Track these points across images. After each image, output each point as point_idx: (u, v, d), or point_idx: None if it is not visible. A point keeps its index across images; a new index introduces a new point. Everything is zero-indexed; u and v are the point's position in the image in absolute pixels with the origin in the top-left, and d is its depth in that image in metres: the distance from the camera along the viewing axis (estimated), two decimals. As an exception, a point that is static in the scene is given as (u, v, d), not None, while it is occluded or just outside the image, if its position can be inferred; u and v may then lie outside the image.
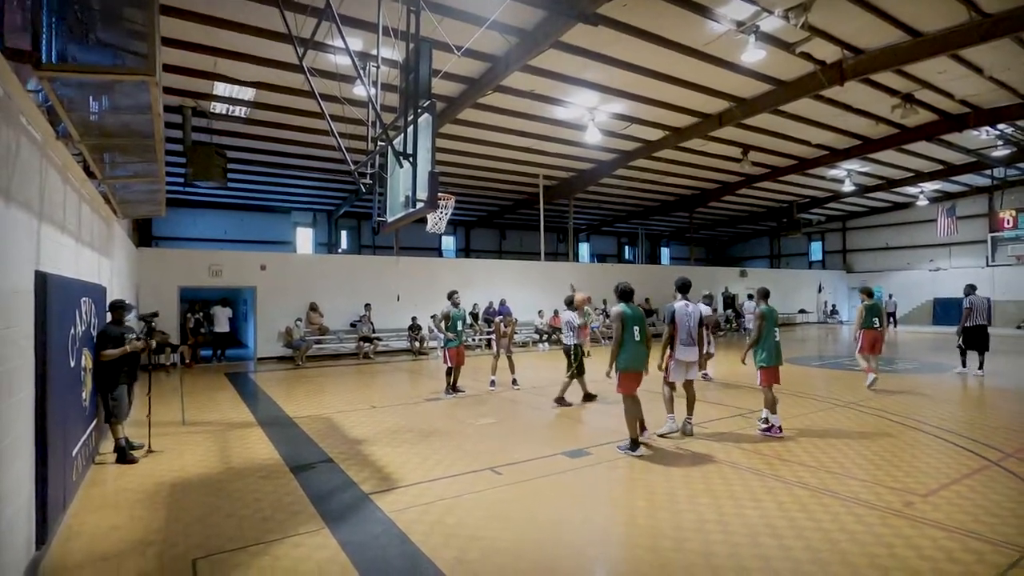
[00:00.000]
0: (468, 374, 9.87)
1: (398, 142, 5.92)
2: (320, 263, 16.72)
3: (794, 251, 32.71)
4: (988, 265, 24.81)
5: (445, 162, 17.40)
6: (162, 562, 3.40)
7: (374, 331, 15.36)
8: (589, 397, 8.22)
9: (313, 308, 15.15)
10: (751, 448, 5.70)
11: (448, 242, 28.55)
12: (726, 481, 4.68)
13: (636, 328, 5.62)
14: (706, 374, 10.06)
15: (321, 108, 7.46)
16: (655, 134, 16.05)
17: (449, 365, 8.88)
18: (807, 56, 11.50)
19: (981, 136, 17.32)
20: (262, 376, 12.00)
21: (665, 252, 35.79)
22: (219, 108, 12.75)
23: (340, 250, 24.74)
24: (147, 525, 3.93)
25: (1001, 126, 16.35)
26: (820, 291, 28.36)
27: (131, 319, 6.44)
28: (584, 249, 32.32)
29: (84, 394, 4.87)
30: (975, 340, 10.95)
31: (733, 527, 3.74)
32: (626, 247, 34.50)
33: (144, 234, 18.09)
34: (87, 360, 4.99)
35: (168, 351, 12.94)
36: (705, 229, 32.30)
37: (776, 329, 6.53)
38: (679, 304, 6.13)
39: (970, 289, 11.32)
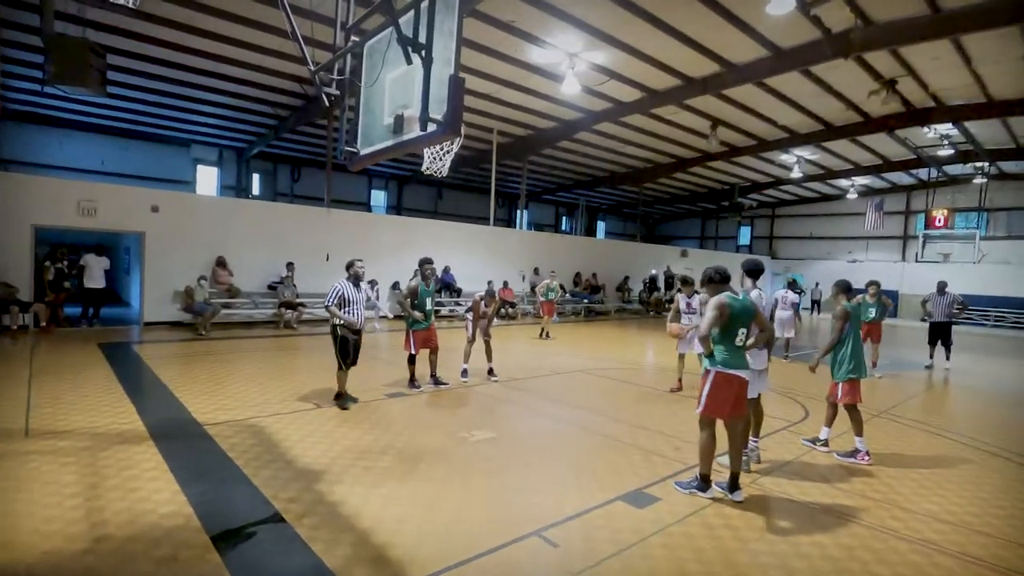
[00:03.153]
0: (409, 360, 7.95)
1: (404, 23, 3.87)
2: (232, 209, 13.76)
3: (724, 234, 33.25)
4: (902, 260, 26.41)
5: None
6: None
7: (297, 296, 12.88)
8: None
9: (220, 264, 12.36)
10: (842, 485, 4.50)
11: (378, 197, 25.75)
12: (877, 556, 3.37)
13: (742, 330, 4.11)
14: None
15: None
16: (631, 95, 14.58)
17: (412, 352, 6.96)
18: (817, 21, 10.42)
19: (929, 134, 17.63)
20: (152, 349, 9.35)
21: (601, 226, 35.11)
22: (96, -11, 9.49)
23: (251, 196, 21.26)
24: None
25: (949, 127, 16.61)
26: (748, 275, 28.94)
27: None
28: (519, 217, 30.73)
29: None
30: (935, 335, 10.98)
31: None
32: (564, 218, 33.37)
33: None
34: None
35: (15, 310, 9.80)
36: (644, 205, 31.88)
37: (858, 332, 5.32)
38: (754, 293, 4.71)
39: (941, 285, 11.17)
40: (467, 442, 5.12)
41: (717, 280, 4.26)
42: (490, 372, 7.85)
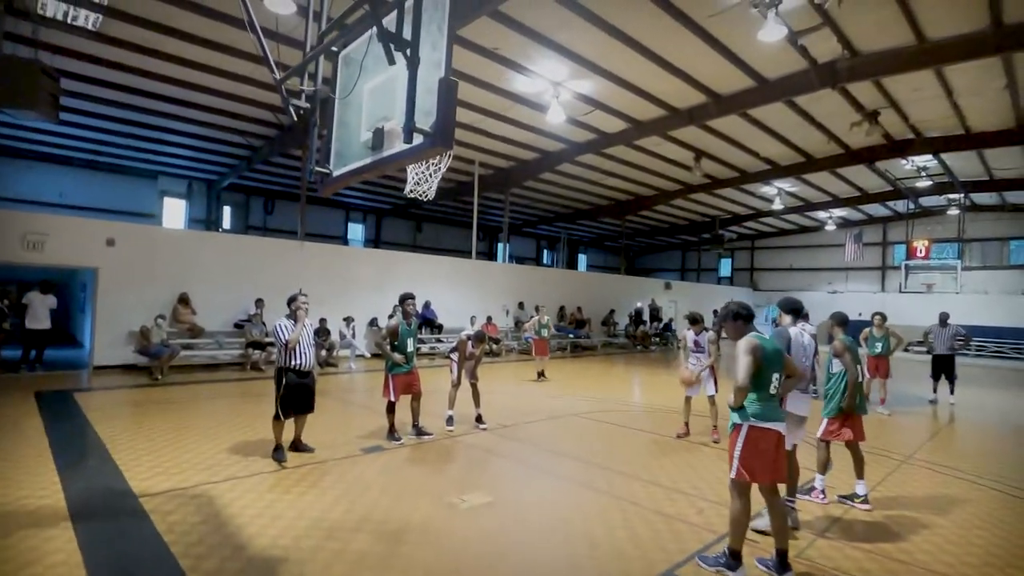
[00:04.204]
0: (377, 405, 7.11)
1: (388, 23, 3.31)
2: (196, 242, 12.89)
3: (705, 266, 33.26)
4: (882, 290, 26.57)
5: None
6: None
7: (267, 334, 11.97)
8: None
9: (183, 301, 11.44)
10: (902, 552, 3.85)
11: (356, 231, 25.05)
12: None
13: (776, 375, 3.51)
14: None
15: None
16: (616, 125, 14.36)
17: (391, 399, 6.20)
18: (804, 51, 10.33)
19: (907, 166, 17.83)
20: (97, 398, 8.35)
21: (583, 259, 34.87)
22: (53, 9, 8.86)
23: (221, 230, 20.37)
24: None
25: (927, 158, 16.79)
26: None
27: None
28: (502, 250, 30.33)
29: None
30: (938, 369, 10.61)
31: None
32: (545, 251, 33.04)
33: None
34: None
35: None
36: (626, 238, 31.78)
37: (860, 367, 4.85)
38: (794, 330, 4.14)
39: (943, 317, 10.88)
40: (458, 510, 4.36)
41: (743, 317, 3.66)
42: (478, 419, 7.09)
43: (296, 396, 5.43)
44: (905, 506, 4.79)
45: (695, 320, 7.03)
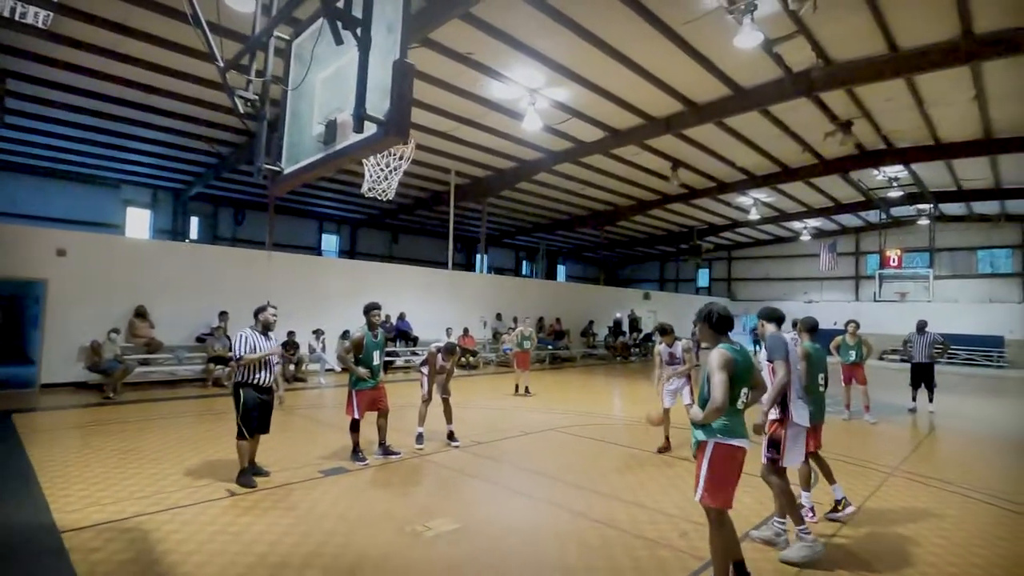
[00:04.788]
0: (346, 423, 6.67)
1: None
2: (156, 252, 12.29)
3: (683, 277, 33.40)
4: (856, 299, 26.91)
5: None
6: None
7: (230, 349, 11.39)
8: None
9: (139, 314, 10.84)
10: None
11: (330, 242, 24.49)
12: None
13: (744, 389, 3.23)
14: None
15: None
16: (593, 134, 14.23)
17: (355, 417, 5.79)
18: (779, 59, 10.33)
19: (879, 177, 18.09)
20: (39, 419, 7.74)
21: (561, 270, 34.73)
22: (-3, 5, 8.35)
23: (189, 241, 19.66)
24: None
25: (898, 169, 17.04)
26: (710, 317, 28.86)
27: None
28: (479, 261, 30.02)
29: None
30: (917, 377, 10.57)
31: None
32: (524, 262, 32.81)
33: None
34: None
35: None
36: (604, 249, 31.75)
37: (822, 375, 4.62)
38: (789, 336, 3.89)
39: (921, 324, 10.88)
40: (422, 538, 3.98)
41: (715, 323, 3.27)
42: (450, 436, 6.71)
43: (257, 413, 5.04)
44: (897, 522, 4.56)
45: (664, 331, 6.73)
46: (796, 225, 26.02)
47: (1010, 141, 13.84)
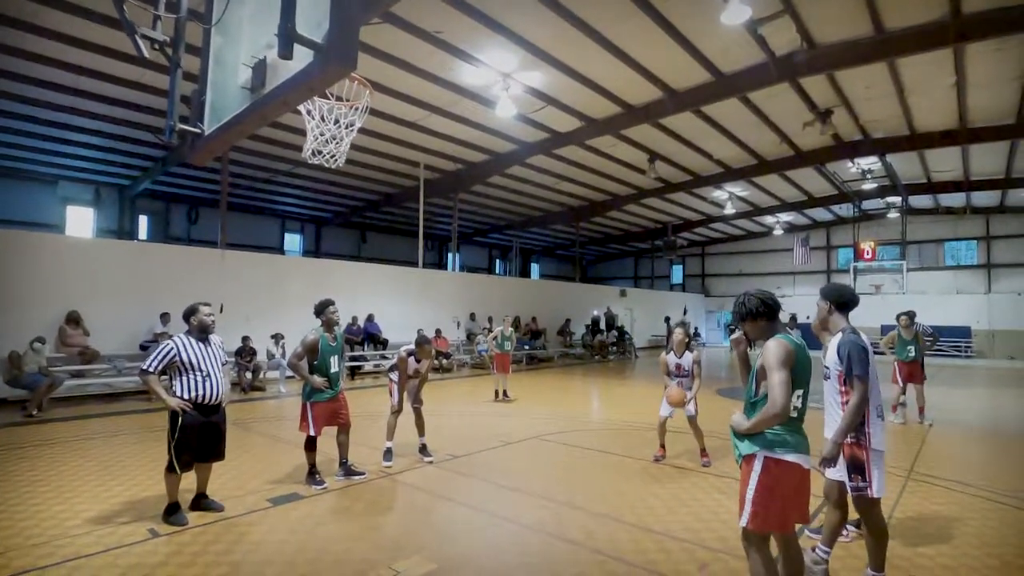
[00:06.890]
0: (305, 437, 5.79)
1: None
2: (91, 251, 11.12)
3: (658, 273, 33.21)
4: (828, 293, 27.03)
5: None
6: None
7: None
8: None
9: (72, 320, 9.71)
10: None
11: (293, 241, 23.31)
12: None
13: (798, 391, 2.60)
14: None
15: None
16: (569, 123, 13.63)
17: (311, 434, 4.97)
18: (763, 42, 9.88)
19: (852, 169, 18.03)
20: (-59, 443, 6.64)
21: (535, 268, 34.15)
22: None
23: (137, 241, 18.27)
24: None
25: (872, 160, 16.96)
26: (685, 313, 28.70)
27: None
28: (451, 260, 29.16)
29: None
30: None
31: None
32: (497, 260, 32.10)
33: None
34: None
35: None
36: (579, 246, 31.30)
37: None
38: (865, 339, 3.23)
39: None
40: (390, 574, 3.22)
41: (765, 315, 2.72)
42: (423, 450, 5.95)
43: (198, 439, 4.14)
44: (935, 537, 4.01)
45: (680, 331, 5.93)
46: (769, 220, 26.06)
47: (983, 130, 13.82)
